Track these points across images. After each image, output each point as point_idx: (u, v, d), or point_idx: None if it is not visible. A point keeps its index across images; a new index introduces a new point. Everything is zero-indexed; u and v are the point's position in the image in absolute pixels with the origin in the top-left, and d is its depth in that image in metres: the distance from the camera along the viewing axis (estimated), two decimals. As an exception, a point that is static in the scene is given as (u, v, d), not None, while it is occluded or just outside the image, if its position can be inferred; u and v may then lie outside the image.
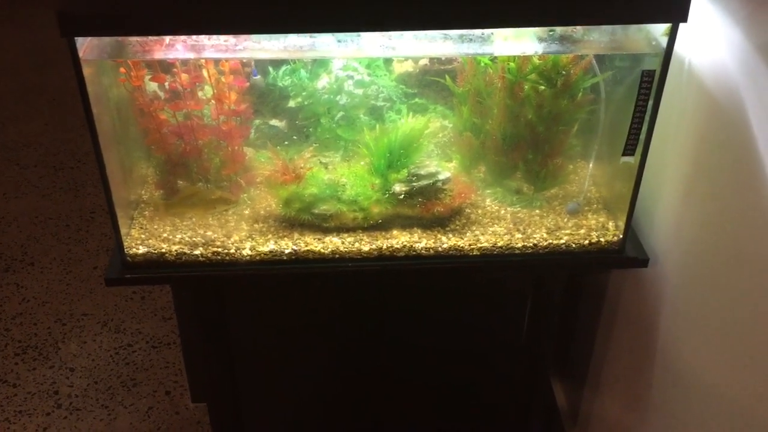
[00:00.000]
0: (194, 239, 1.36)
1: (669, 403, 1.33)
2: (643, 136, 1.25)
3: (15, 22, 4.25)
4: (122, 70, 1.29)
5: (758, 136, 1.02)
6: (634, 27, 1.23)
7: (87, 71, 1.15)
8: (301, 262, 1.35)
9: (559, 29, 1.22)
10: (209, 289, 1.47)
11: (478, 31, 1.21)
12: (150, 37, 1.19)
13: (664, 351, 1.35)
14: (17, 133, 3.36)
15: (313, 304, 1.62)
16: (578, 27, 1.22)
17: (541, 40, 1.23)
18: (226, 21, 1.12)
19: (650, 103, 1.22)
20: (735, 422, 1.11)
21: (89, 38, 1.16)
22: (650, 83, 1.20)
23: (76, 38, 1.11)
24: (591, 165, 1.45)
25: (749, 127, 1.04)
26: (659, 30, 1.18)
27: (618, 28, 1.23)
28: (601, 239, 1.37)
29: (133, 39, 1.20)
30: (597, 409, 1.72)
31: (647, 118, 1.23)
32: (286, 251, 1.35)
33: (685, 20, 1.12)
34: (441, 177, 1.38)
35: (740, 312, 1.09)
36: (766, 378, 1.02)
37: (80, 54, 1.12)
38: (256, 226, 1.39)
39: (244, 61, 1.37)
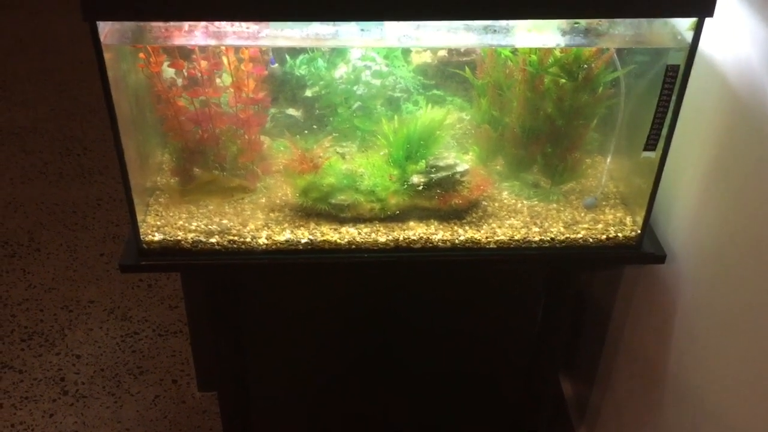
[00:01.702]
0: (210, 227, 1.35)
1: (682, 404, 1.33)
2: (665, 132, 1.24)
3: (22, 7, 4.23)
4: (141, 55, 1.28)
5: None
6: (659, 21, 1.22)
7: (106, 56, 1.14)
8: (317, 252, 1.35)
9: (583, 22, 1.21)
10: (224, 277, 1.47)
11: (500, 23, 1.20)
12: (171, 23, 1.18)
13: (678, 350, 1.34)
14: (24, 118, 3.35)
15: (326, 295, 1.61)
16: (603, 20, 1.21)
17: (564, 32, 1.22)
18: (250, 7, 1.11)
19: (674, 98, 1.21)
20: (749, 424, 1.11)
21: (110, 23, 1.16)
22: (674, 78, 1.19)
23: (97, 23, 1.10)
24: (609, 160, 1.44)
25: (774, 124, 1.03)
26: (684, 24, 1.17)
27: (643, 21, 1.22)
28: (619, 234, 1.37)
29: (154, 24, 1.19)
30: (606, 406, 1.72)
31: (670, 113, 1.22)
32: (303, 241, 1.34)
33: (711, 15, 1.11)
34: (459, 169, 1.38)
35: (758, 312, 1.08)
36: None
37: (101, 39, 1.11)
38: (272, 215, 1.38)
39: (263, 49, 1.36)
